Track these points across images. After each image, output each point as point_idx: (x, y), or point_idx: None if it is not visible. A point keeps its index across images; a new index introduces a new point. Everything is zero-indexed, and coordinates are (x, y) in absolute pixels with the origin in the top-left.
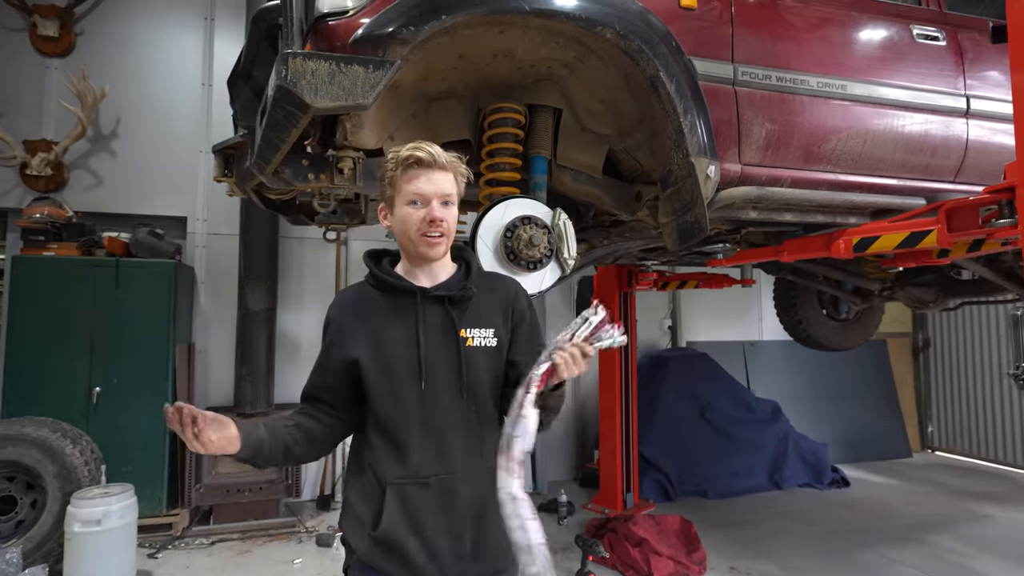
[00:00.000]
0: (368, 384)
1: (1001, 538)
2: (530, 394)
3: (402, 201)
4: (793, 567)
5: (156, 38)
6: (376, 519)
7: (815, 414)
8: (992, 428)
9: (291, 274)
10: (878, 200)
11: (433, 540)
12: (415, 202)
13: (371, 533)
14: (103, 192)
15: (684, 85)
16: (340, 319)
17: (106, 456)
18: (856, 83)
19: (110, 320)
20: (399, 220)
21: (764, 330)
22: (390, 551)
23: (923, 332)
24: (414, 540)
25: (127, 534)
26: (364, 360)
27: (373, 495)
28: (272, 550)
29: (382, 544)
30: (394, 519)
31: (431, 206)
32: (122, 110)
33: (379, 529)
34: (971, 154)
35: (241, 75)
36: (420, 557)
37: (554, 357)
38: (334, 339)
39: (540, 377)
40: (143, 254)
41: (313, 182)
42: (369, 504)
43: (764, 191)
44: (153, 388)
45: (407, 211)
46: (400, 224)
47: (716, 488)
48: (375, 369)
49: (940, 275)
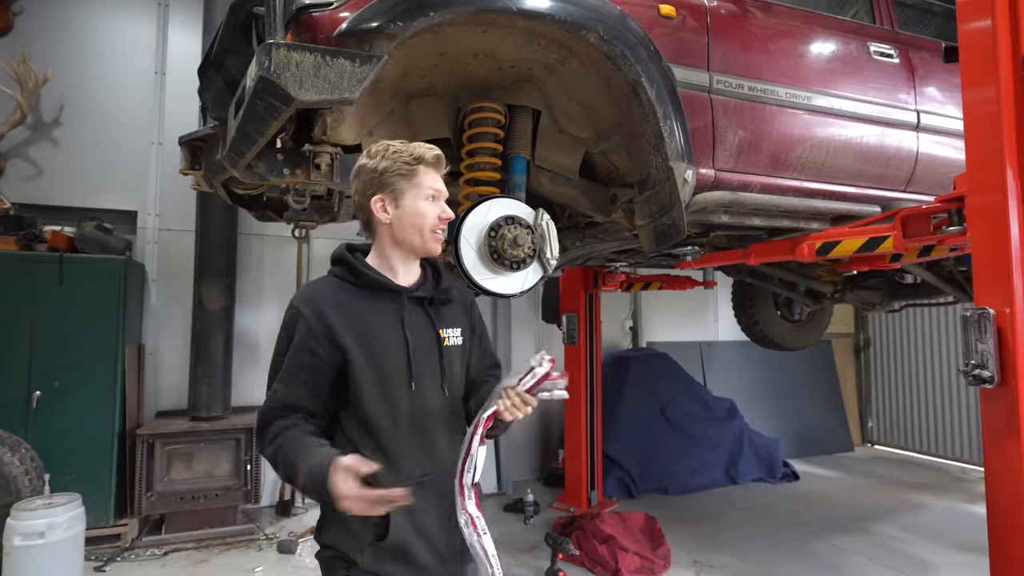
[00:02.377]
0: (358, 386)
1: (936, 525)
2: (476, 435)
3: (420, 196)
4: (751, 559)
5: (105, 21)
6: (381, 527)
7: (767, 411)
8: (926, 423)
9: (250, 272)
10: (838, 207)
11: (435, 539)
12: (434, 197)
13: (378, 542)
14: (44, 183)
15: (664, 91)
16: (320, 314)
17: (47, 464)
18: (820, 95)
19: (53, 319)
20: (412, 213)
21: (720, 331)
22: (399, 555)
23: (864, 333)
24: (420, 541)
25: (74, 546)
26: (355, 360)
27: None
28: (231, 559)
29: (391, 551)
30: (402, 524)
31: (443, 204)
32: (66, 96)
33: (389, 536)
34: (921, 165)
35: (213, 64)
36: (426, 557)
37: (498, 403)
38: (315, 336)
39: (485, 420)
40: (90, 249)
41: (288, 177)
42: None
43: (736, 196)
44: (99, 391)
45: (425, 206)
46: (413, 217)
47: (676, 484)
48: (367, 370)
49: (886, 279)
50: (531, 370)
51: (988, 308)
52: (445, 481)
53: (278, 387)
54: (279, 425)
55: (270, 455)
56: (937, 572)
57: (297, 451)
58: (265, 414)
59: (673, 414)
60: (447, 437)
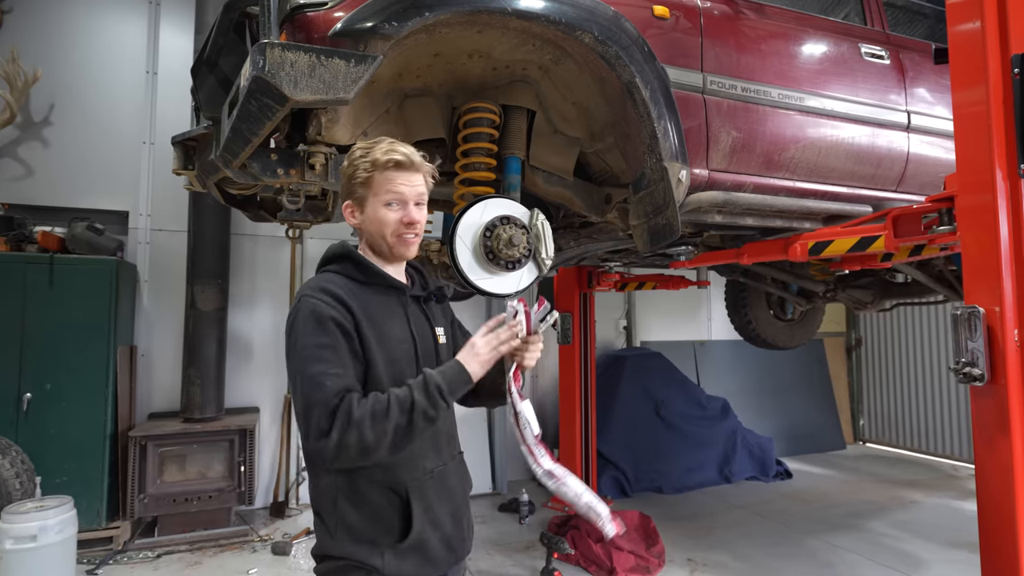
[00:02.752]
0: (377, 379)
1: (926, 522)
2: (514, 393)
3: (378, 202)
4: (745, 556)
5: (96, 20)
6: (400, 526)
7: (760, 410)
8: (917, 420)
9: (243, 273)
10: (830, 206)
11: (446, 530)
12: (392, 203)
13: (399, 542)
14: (34, 183)
15: (658, 92)
16: (344, 304)
17: (39, 467)
18: (812, 96)
19: (43, 321)
20: (374, 220)
21: (713, 330)
22: (419, 552)
23: (856, 332)
24: (436, 534)
25: (65, 550)
26: (374, 353)
27: (386, 502)
28: (224, 561)
29: (412, 549)
30: (421, 518)
31: (409, 208)
32: (56, 96)
33: (412, 534)
34: (911, 166)
35: (206, 64)
36: (440, 550)
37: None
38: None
39: (513, 376)
40: (81, 250)
41: (283, 177)
42: (385, 514)
43: (729, 196)
44: (91, 393)
45: (384, 212)
46: (375, 224)
47: (671, 483)
48: (383, 364)
49: (877, 278)
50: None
51: (978, 307)
52: (449, 475)
53: (338, 371)
54: (355, 396)
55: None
56: (929, 568)
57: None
58: (335, 396)
59: (667, 413)
60: (447, 433)
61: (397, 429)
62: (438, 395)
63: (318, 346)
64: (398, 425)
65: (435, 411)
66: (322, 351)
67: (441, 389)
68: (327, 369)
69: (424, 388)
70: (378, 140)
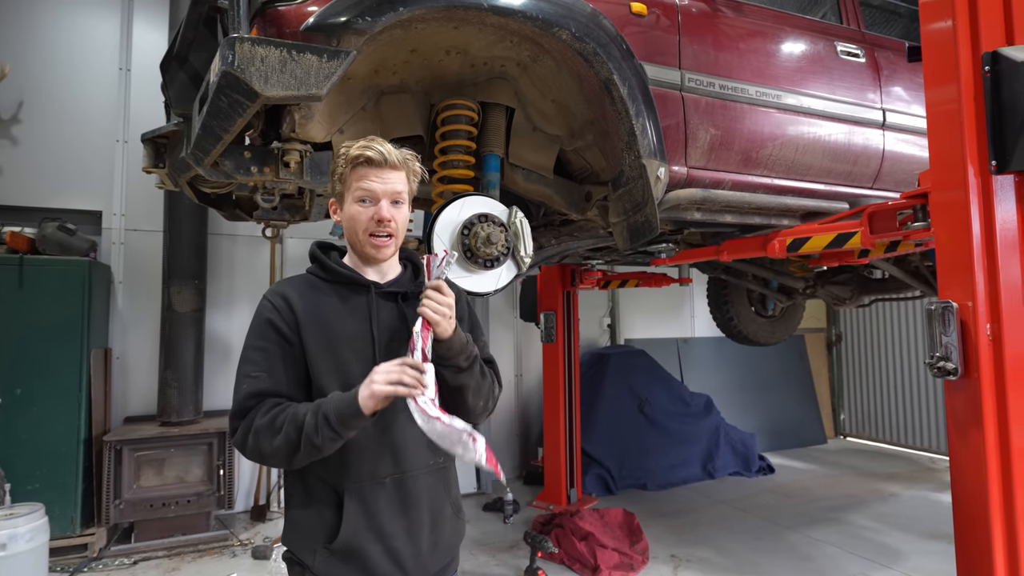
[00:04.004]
0: (316, 377)
1: (905, 514)
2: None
3: (351, 199)
4: (728, 551)
5: (66, 15)
6: (333, 528)
7: (743, 406)
8: (896, 414)
9: (221, 273)
10: (808, 203)
11: (394, 543)
12: (364, 200)
13: (327, 545)
14: (2, 182)
15: (636, 89)
16: (288, 303)
17: (9, 474)
18: (789, 93)
19: (13, 324)
20: (347, 217)
21: (696, 327)
22: (350, 560)
23: (836, 327)
24: (376, 546)
25: (37, 558)
26: (312, 350)
27: (325, 502)
28: (203, 566)
29: (340, 554)
30: (354, 526)
31: (380, 205)
32: (25, 92)
33: (338, 538)
34: (887, 163)
35: (176, 59)
36: (383, 563)
37: (419, 312)
38: (287, 323)
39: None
40: (52, 251)
41: (256, 175)
42: (321, 513)
43: (708, 193)
44: (64, 398)
45: (355, 209)
46: (348, 222)
47: (655, 480)
48: (324, 362)
49: (855, 274)
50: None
51: (951, 302)
52: (413, 485)
53: (259, 374)
54: (272, 402)
55: (266, 421)
56: (907, 559)
57: (309, 405)
58: (248, 399)
59: (651, 410)
60: (416, 440)
61: (289, 445)
62: (325, 424)
63: (251, 348)
64: (289, 442)
65: (319, 439)
66: (253, 353)
67: (328, 419)
68: (249, 371)
69: (316, 411)
70: (364, 138)
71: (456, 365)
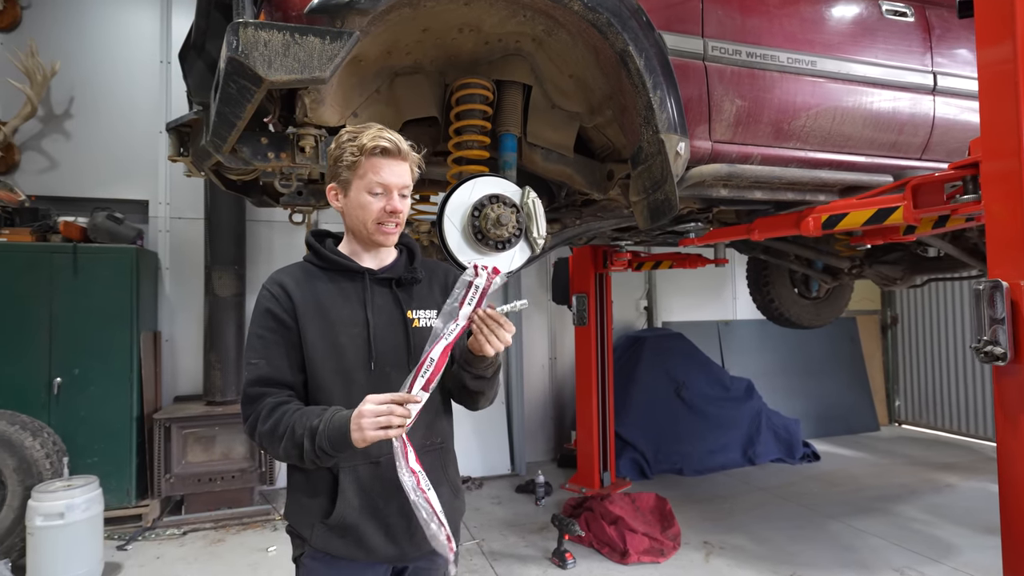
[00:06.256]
0: (315, 366)
1: (961, 506)
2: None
3: (362, 188)
4: (765, 539)
5: (110, 12)
6: (329, 505)
7: (788, 391)
8: (956, 401)
9: (259, 259)
10: (846, 177)
11: (388, 520)
12: (376, 191)
13: (324, 520)
14: (58, 175)
15: (654, 60)
16: (285, 290)
17: (70, 448)
18: (825, 59)
19: (69, 308)
20: (356, 205)
21: (738, 309)
22: (346, 535)
23: (891, 309)
24: (370, 522)
25: (92, 527)
26: (308, 334)
27: (322, 481)
28: (246, 538)
29: (337, 529)
30: (349, 503)
31: (392, 197)
32: (75, 88)
33: (334, 514)
34: (938, 131)
35: (194, 48)
36: (376, 539)
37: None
38: (285, 309)
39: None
40: (102, 239)
41: (273, 161)
42: (318, 491)
43: (734, 168)
44: (117, 378)
45: (367, 199)
46: (357, 210)
47: (691, 465)
48: (321, 346)
49: (907, 252)
50: (470, 285)
51: (1001, 280)
52: None
53: (258, 361)
54: (271, 401)
55: (267, 429)
56: (959, 554)
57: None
58: (251, 386)
59: (688, 394)
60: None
61: (289, 458)
62: (322, 452)
63: (252, 335)
64: (289, 456)
65: (319, 460)
66: (254, 340)
67: (323, 448)
68: (251, 359)
69: (312, 437)
70: (367, 125)
71: (483, 376)
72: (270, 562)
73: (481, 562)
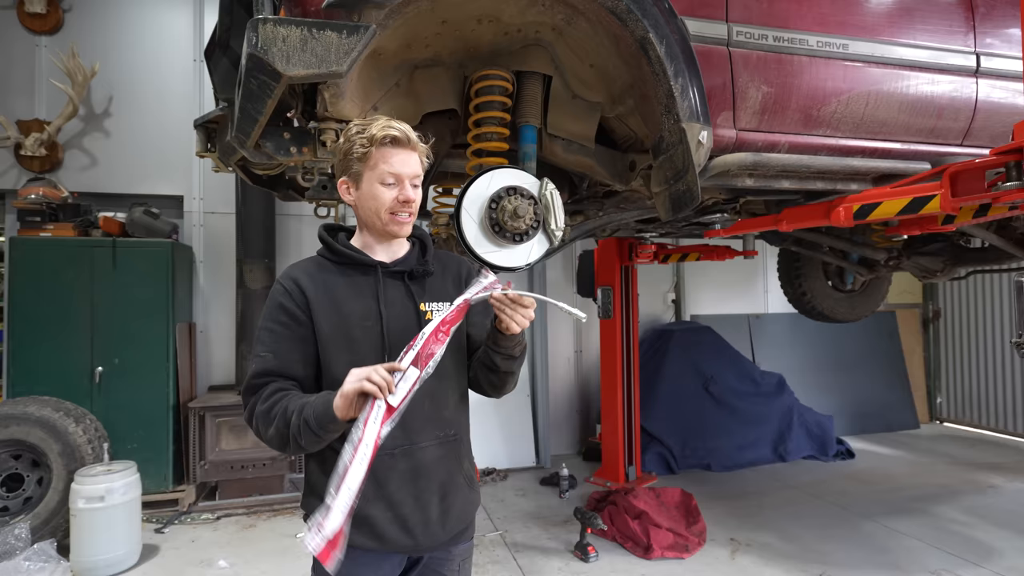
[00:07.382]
0: (329, 359)
1: (1004, 508)
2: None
3: (375, 179)
4: (793, 538)
5: (146, 13)
6: None
7: (821, 386)
8: (1002, 398)
9: (289, 252)
10: (880, 165)
11: (402, 510)
12: (388, 181)
13: None
14: (98, 172)
15: (675, 47)
16: (298, 284)
17: (111, 434)
18: (858, 42)
19: (109, 300)
20: (369, 197)
21: (770, 303)
22: (361, 526)
23: (933, 303)
24: (384, 513)
25: (130, 510)
26: (323, 328)
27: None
28: (277, 524)
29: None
30: (364, 493)
31: (404, 186)
32: (114, 88)
33: None
34: (980, 115)
35: (219, 45)
36: (391, 529)
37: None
38: (297, 303)
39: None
40: (139, 234)
41: (296, 156)
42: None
43: (760, 157)
44: (154, 367)
45: (380, 190)
46: (370, 201)
47: (720, 461)
48: (334, 339)
49: (949, 243)
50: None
51: None
52: (423, 455)
53: (266, 354)
54: (273, 387)
55: (263, 410)
56: (1001, 557)
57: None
58: (255, 377)
59: (717, 389)
60: (426, 413)
61: (280, 439)
62: (306, 427)
63: (262, 328)
64: (280, 435)
65: (303, 440)
66: (263, 334)
67: (308, 423)
68: (258, 351)
69: (300, 412)
70: (375, 117)
71: (511, 355)
72: (299, 548)
73: (504, 553)
